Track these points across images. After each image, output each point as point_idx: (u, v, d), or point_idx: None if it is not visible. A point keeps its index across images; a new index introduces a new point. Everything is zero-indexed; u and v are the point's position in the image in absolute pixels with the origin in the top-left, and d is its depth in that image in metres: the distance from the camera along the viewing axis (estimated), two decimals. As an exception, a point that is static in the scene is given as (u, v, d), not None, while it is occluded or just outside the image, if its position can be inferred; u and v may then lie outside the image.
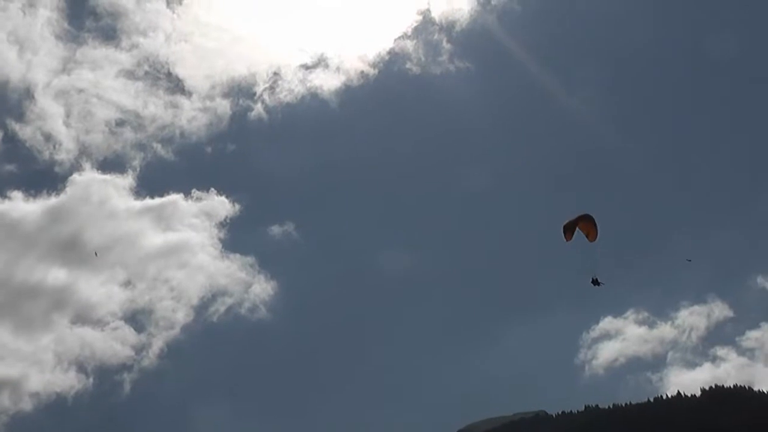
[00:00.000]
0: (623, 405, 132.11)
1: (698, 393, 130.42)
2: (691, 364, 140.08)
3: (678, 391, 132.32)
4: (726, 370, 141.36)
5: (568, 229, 45.62)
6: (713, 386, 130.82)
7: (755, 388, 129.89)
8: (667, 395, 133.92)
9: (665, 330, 65.44)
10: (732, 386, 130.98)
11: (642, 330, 64.51)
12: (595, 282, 47.31)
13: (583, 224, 45.50)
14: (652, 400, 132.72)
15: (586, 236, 45.90)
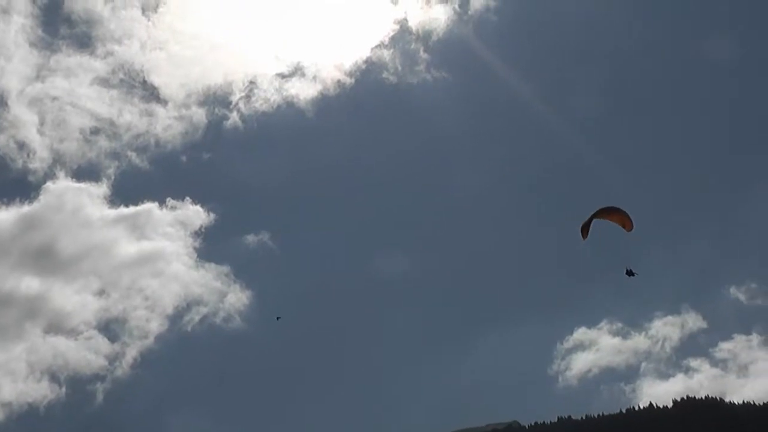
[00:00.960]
0: (596, 416, 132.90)
1: (670, 404, 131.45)
2: (665, 375, 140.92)
3: (650, 402, 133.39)
4: (699, 381, 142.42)
5: (586, 227, 45.41)
6: (685, 397, 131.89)
7: (726, 400, 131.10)
8: (639, 406, 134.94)
9: (639, 341, 66.84)
10: (703, 397, 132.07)
11: (616, 341, 65.87)
12: (630, 273, 46.73)
13: (616, 216, 44.60)
14: (624, 411, 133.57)
15: (623, 227, 44.42)
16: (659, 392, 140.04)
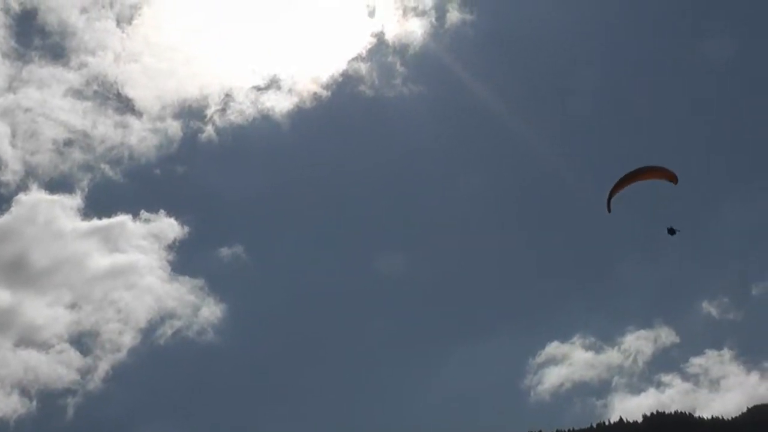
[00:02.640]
0: (566, 431, 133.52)
1: (640, 419, 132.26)
2: (636, 390, 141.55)
3: (620, 417, 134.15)
4: (670, 396, 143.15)
5: (615, 192, 42.36)
6: (655, 412, 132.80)
7: (696, 414, 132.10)
8: (609, 421, 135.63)
9: (612, 355, 67.11)
10: (673, 412, 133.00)
11: (588, 355, 66.13)
12: (672, 231, 44.05)
13: (659, 172, 41.69)
14: (594, 425, 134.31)
15: (670, 181, 41.40)
16: (631, 407, 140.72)
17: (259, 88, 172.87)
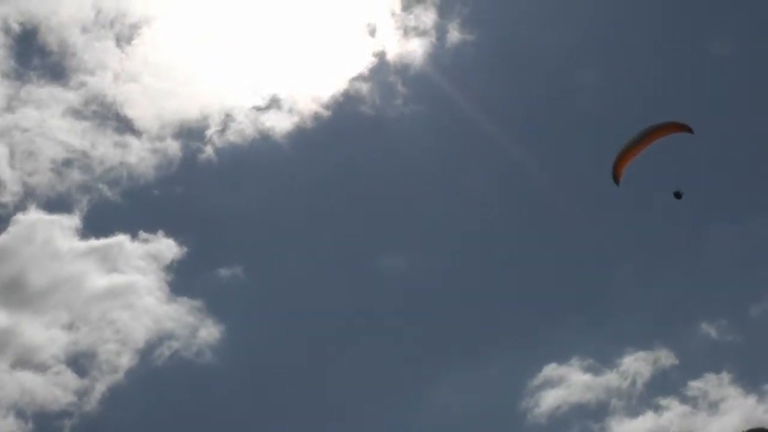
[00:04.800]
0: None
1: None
2: (635, 413, 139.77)
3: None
4: (669, 419, 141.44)
5: (622, 165, 38.32)
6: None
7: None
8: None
9: (611, 377, 65.70)
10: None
11: (587, 377, 64.81)
12: (678, 195, 38.24)
13: (673, 127, 37.38)
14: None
15: (688, 131, 37.25)
16: (628, 430, 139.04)
17: (259, 108, 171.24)
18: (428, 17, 61.24)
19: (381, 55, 62.06)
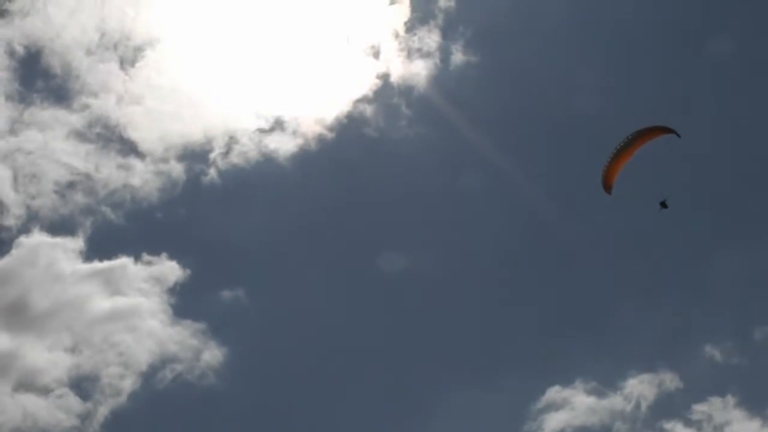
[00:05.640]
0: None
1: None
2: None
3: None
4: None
5: (611, 178, 37.22)
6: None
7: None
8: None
9: (615, 400, 64.94)
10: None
11: (591, 400, 64.10)
12: (664, 205, 37.98)
13: (659, 130, 35.84)
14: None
15: (675, 133, 35.60)
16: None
17: (263, 130, 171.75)
18: (432, 39, 61.38)
19: (385, 77, 62.12)
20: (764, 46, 63.44)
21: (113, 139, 62.07)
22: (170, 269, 59.78)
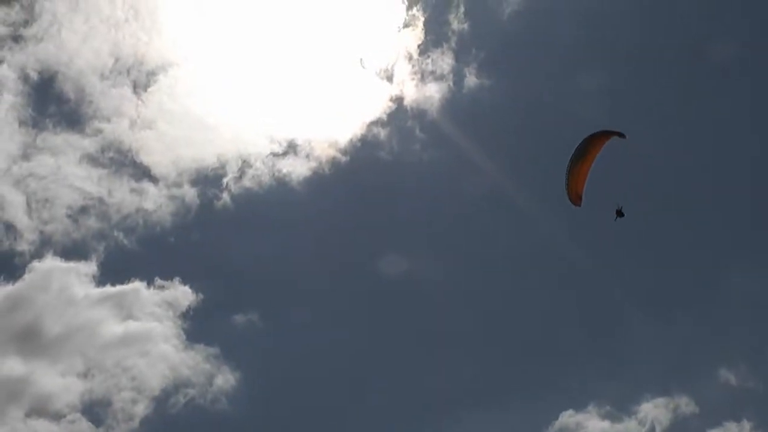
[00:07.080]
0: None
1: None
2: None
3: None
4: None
5: (579, 186, 35.78)
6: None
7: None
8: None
9: (629, 424, 64.11)
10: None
11: (605, 424, 63.26)
12: (620, 213, 36.03)
13: (605, 135, 34.13)
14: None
15: (622, 136, 34.04)
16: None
17: (276, 154, 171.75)
18: (445, 62, 61.42)
19: (398, 100, 62.13)
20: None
21: (126, 164, 62.23)
22: (183, 294, 59.80)
